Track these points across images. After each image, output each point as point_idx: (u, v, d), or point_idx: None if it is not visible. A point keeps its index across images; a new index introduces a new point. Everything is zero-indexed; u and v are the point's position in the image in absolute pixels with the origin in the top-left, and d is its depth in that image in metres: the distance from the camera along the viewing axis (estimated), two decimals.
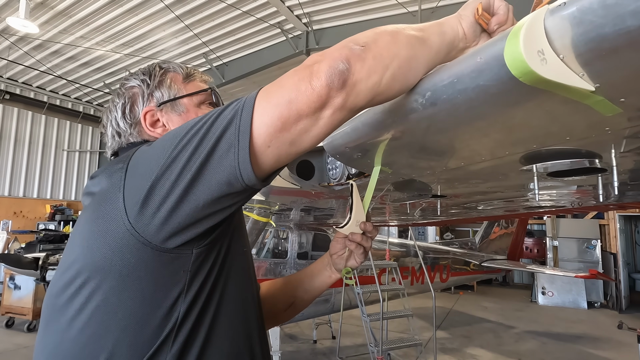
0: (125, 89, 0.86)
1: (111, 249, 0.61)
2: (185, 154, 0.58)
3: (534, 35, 0.43)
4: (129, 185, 0.63)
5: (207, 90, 0.87)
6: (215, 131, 0.58)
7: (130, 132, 0.84)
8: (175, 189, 0.58)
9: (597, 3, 0.38)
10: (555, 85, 0.45)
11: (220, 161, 0.58)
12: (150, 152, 0.64)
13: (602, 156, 0.75)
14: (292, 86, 0.57)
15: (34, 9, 6.49)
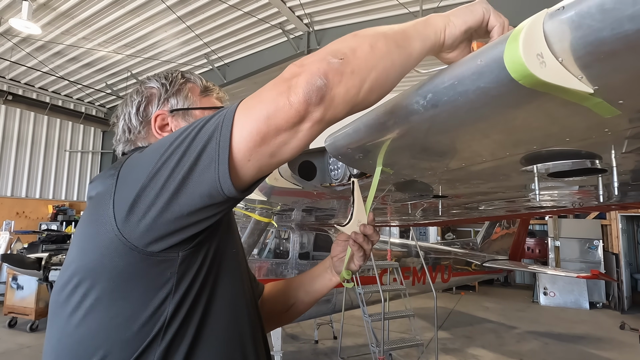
0: (144, 88, 0.89)
1: (102, 252, 0.64)
2: (170, 165, 0.60)
3: (533, 38, 0.44)
4: (119, 192, 0.65)
5: (219, 108, 0.88)
6: (198, 145, 0.59)
7: (139, 130, 0.86)
8: (159, 198, 0.60)
9: (595, 7, 0.39)
10: (554, 87, 0.45)
11: (201, 174, 0.59)
12: (139, 161, 0.66)
13: (602, 157, 0.75)
14: (271, 101, 0.57)
15: (36, 10, 6.52)
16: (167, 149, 0.61)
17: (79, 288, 0.65)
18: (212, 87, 0.94)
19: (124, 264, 0.63)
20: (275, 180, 1.46)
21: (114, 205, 0.64)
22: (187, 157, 0.59)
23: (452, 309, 8.31)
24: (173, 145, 0.61)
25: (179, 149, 0.60)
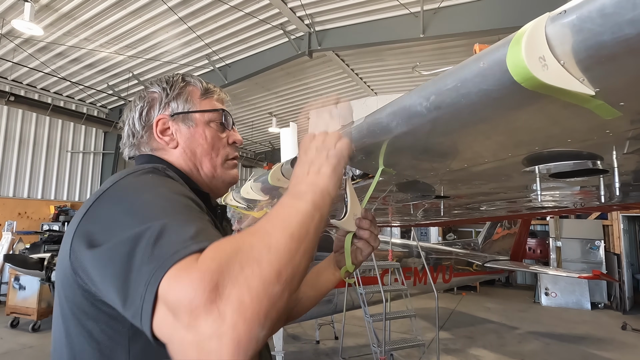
0: (147, 93, 0.92)
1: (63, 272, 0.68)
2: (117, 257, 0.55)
3: (536, 42, 0.45)
4: (79, 230, 0.64)
5: (217, 110, 0.92)
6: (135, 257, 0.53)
7: (142, 134, 0.89)
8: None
9: (596, 12, 0.39)
10: (556, 90, 0.46)
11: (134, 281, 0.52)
12: (103, 215, 0.64)
13: (603, 158, 0.76)
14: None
15: (38, 12, 6.55)
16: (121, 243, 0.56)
17: (57, 292, 0.71)
18: (213, 88, 0.95)
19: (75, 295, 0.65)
20: (278, 181, 1.47)
21: (72, 240, 0.64)
22: (127, 264, 0.53)
23: (454, 310, 8.30)
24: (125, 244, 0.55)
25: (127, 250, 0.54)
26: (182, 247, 0.51)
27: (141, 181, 0.70)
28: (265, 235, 0.54)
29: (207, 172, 0.90)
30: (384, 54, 8.02)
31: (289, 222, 0.58)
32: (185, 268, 0.48)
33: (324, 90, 10.23)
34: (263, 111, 11.78)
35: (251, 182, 1.99)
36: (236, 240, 0.53)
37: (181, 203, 0.64)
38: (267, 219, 0.58)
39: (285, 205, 0.62)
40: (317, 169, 0.71)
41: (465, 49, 7.40)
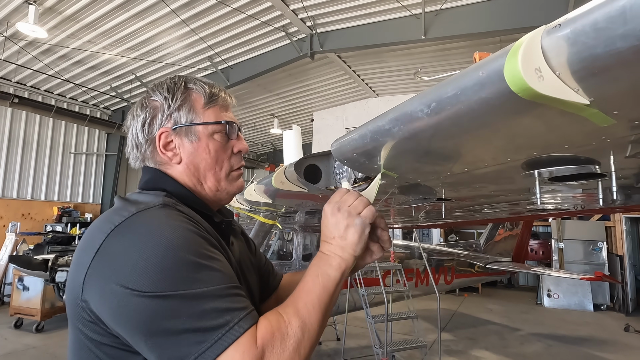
0: (148, 102, 0.88)
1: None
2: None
3: (532, 54, 0.46)
4: (94, 266, 0.66)
5: (219, 123, 0.88)
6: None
7: (145, 148, 0.87)
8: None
9: (589, 26, 0.41)
10: (552, 99, 0.48)
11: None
12: (124, 263, 0.65)
13: (600, 162, 0.78)
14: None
15: (42, 14, 6.60)
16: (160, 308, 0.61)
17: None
18: (217, 93, 0.90)
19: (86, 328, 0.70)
20: (282, 184, 1.49)
21: (85, 278, 0.67)
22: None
23: (456, 311, 8.30)
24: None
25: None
26: (229, 327, 0.61)
27: (154, 220, 0.70)
28: (304, 314, 0.68)
29: (211, 186, 0.88)
30: (386, 55, 8.04)
31: (321, 297, 0.71)
32: (245, 351, 0.60)
33: (325, 91, 10.26)
34: (265, 112, 11.81)
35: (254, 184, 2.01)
36: (283, 322, 0.66)
37: (206, 257, 0.68)
38: (305, 293, 0.71)
39: (320, 274, 0.74)
40: (344, 234, 0.78)
41: (466, 51, 7.41)
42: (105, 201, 11.51)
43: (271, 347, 0.62)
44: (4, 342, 5.48)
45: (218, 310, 0.61)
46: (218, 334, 0.60)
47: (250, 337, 0.61)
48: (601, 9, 0.40)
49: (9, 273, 7.33)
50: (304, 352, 0.65)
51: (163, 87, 0.88)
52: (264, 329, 0.63)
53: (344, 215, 0.78)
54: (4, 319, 6.46)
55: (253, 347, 0.60)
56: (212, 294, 0.63)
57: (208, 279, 0.64)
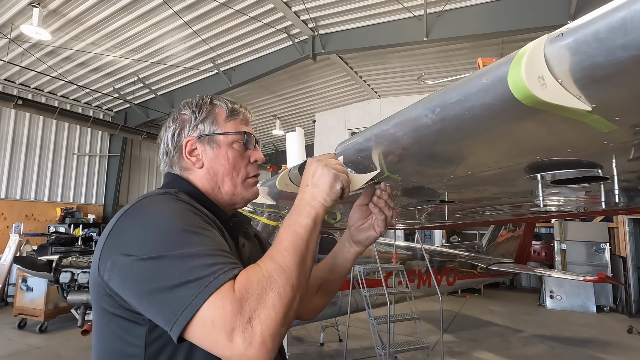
0: (179, 115, 1.01)
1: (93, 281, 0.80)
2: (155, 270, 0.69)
3: (535, 62, 0.48)
4: (107, 243, 0.77)
5: (240, 133, 0.99)
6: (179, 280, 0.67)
7: (173, 154, 0.98)
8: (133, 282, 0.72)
9: (591, 36, 0.42)
10: (555, 106, 0.49)
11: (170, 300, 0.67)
12: (128, 233, 0.76)
13: (602, 166, 0.79)
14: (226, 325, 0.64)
15: (46, 17, 6.65)
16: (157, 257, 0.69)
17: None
18: (239, 109, 1.01)
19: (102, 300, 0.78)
20: (286, 186, 1.50)
21: (100, 255, 0.76)
22: (165, 281, 0.67)
23: (458, 312, 8.28)
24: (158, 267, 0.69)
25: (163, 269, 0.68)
26: (215, 276, 0.67)
27: (156, 203, 0.81)
28: (279, 259, 0.72)
29: (228, 190, 0.97)
30: (388, 57, 8.05)
31: (294, 242, 0.75)
32: (224, 297, 0.65)
33: (327, 93, 10.27)
34: (267, 114, 11.84)
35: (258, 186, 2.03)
36: (260, 268, 0.71)
37: (197, 227, 0.76)
38: (279, 241, 0.76)
39: (290, 224, 0.79)
40: (316, 182, 0.85)
41: (468, 52, 7.41)
42: (108, 202, 11.55)
43: (248, 289, 0.66)
44: (8, 343, 5.51)
45: (206, 264, 0.68)
46: (205, 282, 0.65)
47: (230, 284, 0.66)
48: (602, 20, 0.41)
49: (13, 274, 7.36)
50: (284, 294, 0.68)
51: (193, 103, 1.00)
52: (241, 277, 0.68)
53: (320, 165, 0.86)
54: (8, 319, 6.49)
55: (231, 292, 0.65)
56: (202, 253, 0.70)
57: (198, 242, 0.72)
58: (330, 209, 0.85)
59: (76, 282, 3.95)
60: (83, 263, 4.07)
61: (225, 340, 0.62)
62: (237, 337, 0.62)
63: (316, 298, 1.10)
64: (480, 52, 7.29)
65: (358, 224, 1.03)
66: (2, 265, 7.68)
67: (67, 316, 6.36)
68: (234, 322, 0.63)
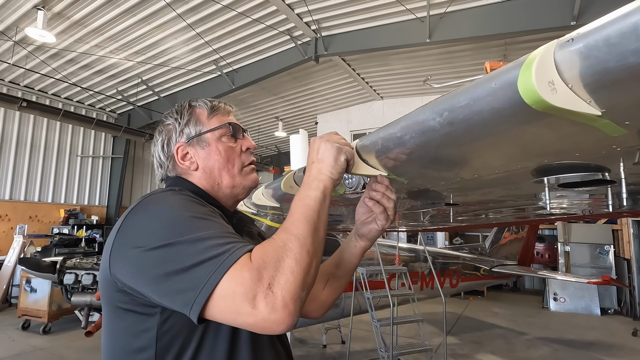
0: (163, 127, 1.03)
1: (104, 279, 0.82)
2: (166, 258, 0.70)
3: (545, 67, 0.48)
4: (117, 238, 0.78)
5: (224, 126, 1.00)
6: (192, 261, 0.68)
7: (167, 164, 1.00)
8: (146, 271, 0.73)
9: (602, 41, 0.42)
10: (564, 111, 0.49)
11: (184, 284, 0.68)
12: (137, 225, 0.78)
13: (610, 169, 0.78)
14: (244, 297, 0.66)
15: (51, 19, 6.70)
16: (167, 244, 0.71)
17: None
18: (217, 105, 1.03)
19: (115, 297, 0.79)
20: (290, 188, 1.50)
21: (110, 253, 0.78)
22: (178, 265, 0.68)
23: (461, 314, 8.25)
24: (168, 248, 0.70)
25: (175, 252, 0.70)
26: (230, 252, 0.68)
27: (162, 198, 0.83)
28: (292, 229, 0.74)
29: (227, 184, 0.98)
30: (390, 58, 8.06)
31: (306, 213, 0.77)
32: (242, 267, 0.66)
33: (330, 94, 10.29)
34: (269, 115, 11.87)
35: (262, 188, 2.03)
36: (274, 239, 0.72)
37: (204, 214, 0.79)
38: (291, 214, 0.78)
39: (300, 198, 0.81)
40: (321, 157, 0.87)
41: (471, 54, 7.41)
42: (111, 203, 11.60)
43: (265, 258, 0.67)
44: (12, 344, 5.53)
45: (219, 244, 0.69)
46: (221, 259, 0.67)
47: (246, 256, 0.68)
48: (614, 25, 0.41)
49: (17, 275, 7.40)
50: (301, 259, 0.69)
51: (173, 111, 1.03)
52: (256, 249, 0.70)
53: (323, 141, 0.89)
54: (12, 320, 6.52)
55: (248, 262, 0.67)
56: (212, 235, 0.71)
57: (207, 226, 0.73)
58: (337, 182, 0.87)
59: (80, 283, 3.96)
60: (87, 264, 4.08)
61: (248, 308, 0.64)
62: (260, 303, 0.64)
63: (323, 294, 1.10)
64: (483, 53, 7.28)
65: (363, 217, 1.03)
66: (6, 266, 7.72)
67: (71, 317, 6.38)
68: (255, 289, 0.64)
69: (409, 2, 6.22)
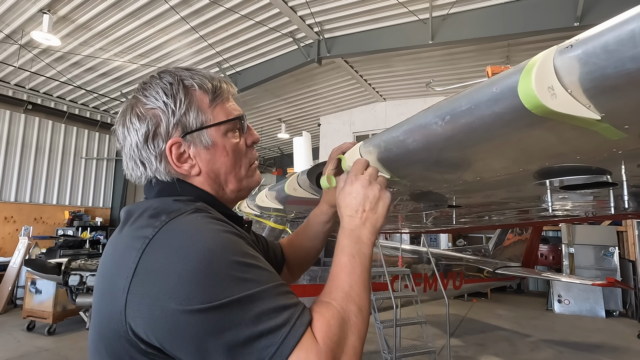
0: (144, 110, 0.75)
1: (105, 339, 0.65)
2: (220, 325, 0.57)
3: (545, 73, 0.49)
4: (138, 285, 0.60)
5: (232, 120, 0.81)
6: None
7: (156, 165, 0.76)
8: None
9: (600, 48, 0.43)
10: (564, 116, 0.50)
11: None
12: (168, 273, 0.59)
13: (612, 172, 0.79)
14: None
15: (56, 23, 6.76)
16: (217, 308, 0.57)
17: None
18: (220, 85, 0.80)
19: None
20: (294, 190, 1.51)
21: (126, 304, 0.60)
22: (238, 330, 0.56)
23: (464, 316, 8.22)
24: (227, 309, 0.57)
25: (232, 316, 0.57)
26: (291, 324, 0.58)
27: (190, 228, 0.64)
28: (353, 297, 0.67)
29: (233, 188, 0.83)
30: (393, 60, 8.07)
31: (363, 277, 0.71)
32: (309, 350, 0.57)
33: (333, 96, 10.30)
34: (272, 117, 11.90)
35: (266, 190, 2.05)
36: (335, 309, 0.64)
37: (247, 255, 0.64)
38: (347, 278, 0.70)
39: (355, 254, 0.73)
40: (375, 207, 0.79)
41: (474, 55, 7.40)
42: (115, 205, 11.67)
43: (331, 337, 0.60)
44: (17, 345, 5.57)
45: (276, 309, 0.58)
46: (282, 334, 0.57)
47: (309, 334, 0.59)
48: (612, 32, 0.42)
49: (22, 276, 7.45)
50: (363, 334, 0.65)
51: (157, 90, 0.75)
52: (319, 323, 0.61)
53: (375, 188, 0.80)
54: (17, 321, 6.56)
55: (314, 343, 0.58)
56: (266, 294, 0.59)
57: (258, 278, 0.61)
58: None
59: (85, 284, 4.00)
60: (91, 266, 4.11)
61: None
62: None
63: (310, 256, 1.17)
64: (486, 55, 7.28)
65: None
66: (11, 267, 7.78)
67: (75, 318, 6.42)
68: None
69: (411, 4, 6.23)
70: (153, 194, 0.78)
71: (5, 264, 7.96)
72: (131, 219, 0.71)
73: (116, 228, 0.76)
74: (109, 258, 0.70)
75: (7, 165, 9.34)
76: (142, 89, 0.78)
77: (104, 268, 0.71)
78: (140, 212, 0.71)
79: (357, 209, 0.78)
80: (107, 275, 0.67)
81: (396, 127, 0.84)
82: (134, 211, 0.73)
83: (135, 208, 0.74)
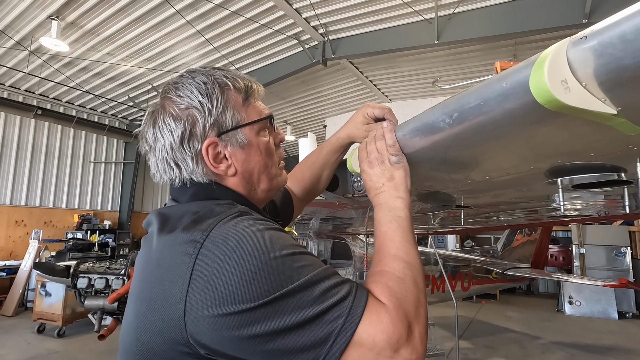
0: (179, 110, 0.73)
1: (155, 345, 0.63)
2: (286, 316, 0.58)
3: (558, 66, 0.47)
4: (197, 295, 0.59)
5: (265, 119, 0.82)
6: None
7: (193, 168, 0.74)
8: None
9: (617, 38, 0.41)
10: (579, 110, 0.48)
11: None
12: (231, 274, 0.59)
13: (627, 169, 0.76)
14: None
15: (64, 29, 6.86)
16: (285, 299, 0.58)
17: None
18: (251, 85, 0.81)
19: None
20: None
21: (185, 310, 0.59)
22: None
23: (473, 318, 8.13)
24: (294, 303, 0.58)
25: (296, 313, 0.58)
26: (352, 294, 0.60)
27: (245, 230, 0.64)
28: (401, 255, 0.70)
29: (264, 188, 0.82)
30: (398, 60, 8.03)
31: (404, 235, 0.74)
32: (378, 311, 0.60)
33: (338, 98, 10.29)
34: (278, 119, 11.91)
35: None
36: (389, 272, 0.67)
37: (294, 246, 0.65)
38: (390, 242, 0.73)
39: (391, 221, 0.76)
40: (391, 176, 0.82)
41: (480, 54, 7.34)
42: (123, 209, 11.77)
43: (395, 294, 0.63)
44: (28, 347, 5.63)
45: (336, 284, 0.61)
46: (347, 304, 0.59)
47: (372, 297, 0.62)
48: (630, 21, 0.40)
49: (32, 279, 7.54)
50: (421, 284, 0.67)
51: (191, 89, 0.74)
52: (376, 287, 0.64)
53: (383, 160, 0.83)
54: (28, 324, 6.64)
55: (379, 304, 0.61)
56: (323, 274, 0.62)
57: (311, 262, 0.63)
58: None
59: (93, 287, 4.02)
60: (99, 269, 4.14)
61: (390, 352, 0.58)
62: (403, 347, 0.59)
63: (319, 184, 1.23)
64: (493, 53, 7.21)
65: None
66: (22, 271, 7.88)
67: (85, 321, 6.47)
68: (398, 333, 0.59)
69: (416, 4, 6.20)
70: (187, 196, 0.76)
71: (16, 267, 8.06)
72: (169, 223, 0.69)
73: (125, 231, 0.75)
74: (154, 264, 0.67)
75: (17, 169, 9.47)
76: (173, 88, 0.76)
77: (145, 274, 0.68)
78: (179, 216, 0.69)
79: (377, 187, 0.82)
80: (153, 281, 0.65)
81: (402, 126, 0.82)
82: (171, 215, 0.71)
83: (171, 212, 0.72)
